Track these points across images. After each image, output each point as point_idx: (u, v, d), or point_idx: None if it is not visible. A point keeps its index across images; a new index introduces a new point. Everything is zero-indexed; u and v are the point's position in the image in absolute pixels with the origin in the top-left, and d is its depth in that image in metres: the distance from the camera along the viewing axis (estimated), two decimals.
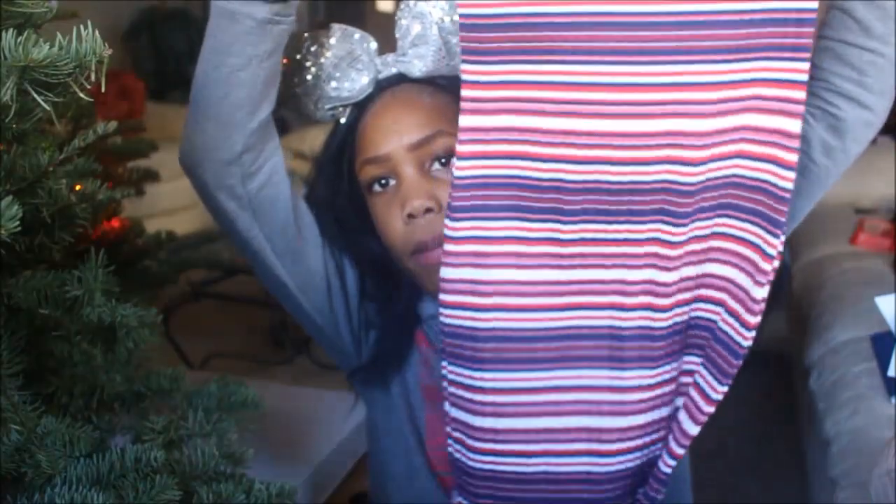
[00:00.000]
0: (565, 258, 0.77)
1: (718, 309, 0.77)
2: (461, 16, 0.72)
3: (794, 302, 2.19)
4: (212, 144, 0.78)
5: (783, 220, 0.73)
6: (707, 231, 0.77)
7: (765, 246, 0.74)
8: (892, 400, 1.44)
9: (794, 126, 0.72)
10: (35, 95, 0.48)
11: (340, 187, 0.90)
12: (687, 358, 0.80)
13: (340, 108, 0.89)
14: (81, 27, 0.49)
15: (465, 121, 0.76)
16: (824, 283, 2.05)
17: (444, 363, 0.79)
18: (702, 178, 0.74)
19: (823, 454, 1.50)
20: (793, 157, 0.72)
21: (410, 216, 0.83)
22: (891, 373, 1.45)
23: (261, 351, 2.42)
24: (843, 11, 0.74)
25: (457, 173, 0.77)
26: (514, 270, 0.77)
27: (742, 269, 0.76)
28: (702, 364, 0.79)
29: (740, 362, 0.76)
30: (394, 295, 0.90)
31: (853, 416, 1.48)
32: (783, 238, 0.74)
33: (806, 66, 0.71)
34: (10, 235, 0.48)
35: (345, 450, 1.19)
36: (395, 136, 0.84)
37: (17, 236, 0.49)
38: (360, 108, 0.88)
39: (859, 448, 1.39)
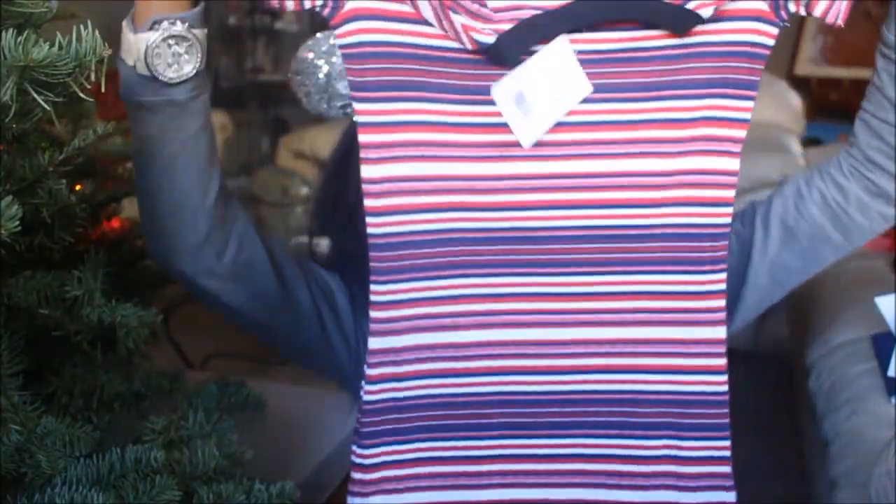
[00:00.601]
0: (483, 476, 0.77)
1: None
2: (370, 235, 0.73)
3: (794, 302, 2.19)
4: (177, 235, 0.74)
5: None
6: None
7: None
8: (892, 400, 1.44)
9: (721, 333, 0.76)
10: (35, 95, 0.48)
11: (349, 184, 0.90)
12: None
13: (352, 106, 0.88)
14: (81, 27, 0.49)
15: (374, 343, 0.76)
16: (824, 283, 2.04)
17: None
18: (629, 387, 0.76)
19: (823, 454, 1.49)
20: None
21: None
22: (891, 373, 1.45)
23: (261, 351, 2.41)
24: (876, 87, 0.74)
25: (366, 398, 0.77)
26: (430, 493, 0.78)
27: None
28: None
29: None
30: None
31: (853, 416, 1.48)
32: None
33: (721, 269, 0.75)
34: (10, 235, 0.48)
35: (345, 450, 1.18)
36: None
37: (17, 236, 0.49)
38: None
39: (859, 448, 1.39)
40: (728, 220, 0.74)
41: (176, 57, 0.67)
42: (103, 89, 0.51)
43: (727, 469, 0.79)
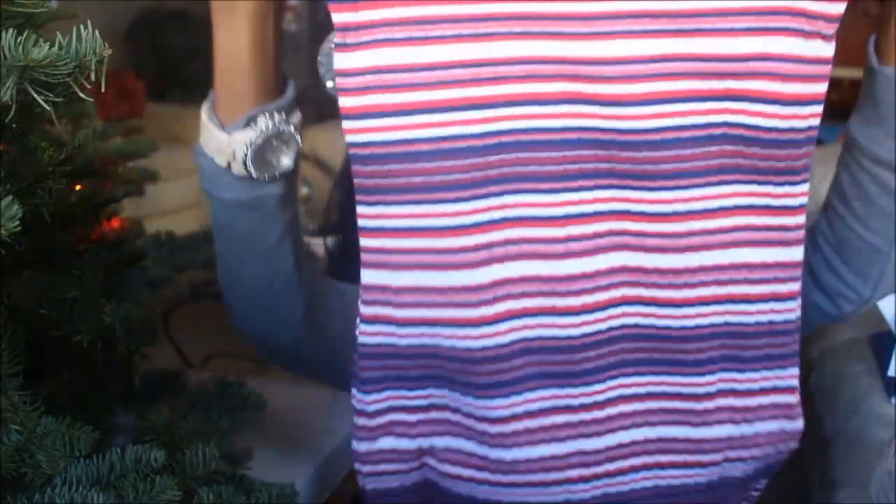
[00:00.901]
0: (509, 437, 0.66)
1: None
2: (350, 144, 0.58)
3: None
4: (279, 315, 0.70)
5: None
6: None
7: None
8: (892, 400, 1.44)
9: (797, 254, 0.64)
10: (35, 95, 0.48)
11: None
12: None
13: None
14: (81, 27, 0.49)
15: (367, 276, 0.63)
16: None
17: None
18: (680, 322, 0.64)
19: (823, 454, 1.50)
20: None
21: None
22: (891, 373, 1.45)
23: None
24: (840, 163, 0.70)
25: (361, 339, 0.65)
26: (448, 438, 0.69)
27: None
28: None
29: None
30: None
31: (853, 416, 1.48)
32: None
33: (805, 179, 0.62)
34: (10, 235, 0.48)
35: (345, 449, 1.18)
36: None
37: (17, 236, 0.49)
38: None
39: (859, 448, 1.39)
40: (817, 120, 0.60)
41: (274, 152, 0.61)
42: (103, 89, 0.51)
43: (793, 399, 0.67)
